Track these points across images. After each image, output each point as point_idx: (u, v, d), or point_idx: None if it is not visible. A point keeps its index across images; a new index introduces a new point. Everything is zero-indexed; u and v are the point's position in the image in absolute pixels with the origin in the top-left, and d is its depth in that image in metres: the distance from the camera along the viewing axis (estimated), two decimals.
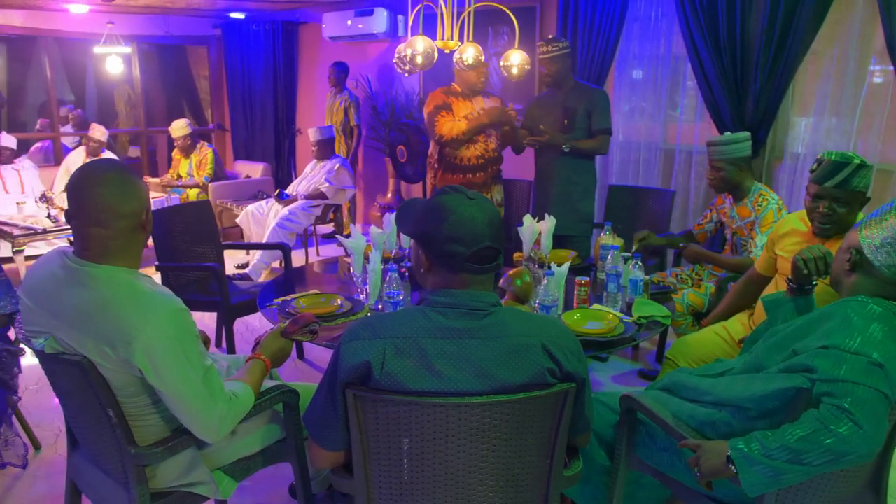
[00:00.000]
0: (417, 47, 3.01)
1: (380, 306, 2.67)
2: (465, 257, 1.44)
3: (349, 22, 6.41)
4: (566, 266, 2.61)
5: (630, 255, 2.87)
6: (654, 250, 3.69)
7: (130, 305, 1.56)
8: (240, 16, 7.34)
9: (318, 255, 6.12)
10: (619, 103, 5.05)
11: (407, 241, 3.37)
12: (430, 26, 3.90)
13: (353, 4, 6.48)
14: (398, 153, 5.63)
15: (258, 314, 3.81)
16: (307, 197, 5.65)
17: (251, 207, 5.76)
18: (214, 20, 7.68)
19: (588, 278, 2.75)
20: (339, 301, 2.68)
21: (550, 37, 3.88)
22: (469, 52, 3.17)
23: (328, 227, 6.72)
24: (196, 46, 8.41)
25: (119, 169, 1.64)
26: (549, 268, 2.59)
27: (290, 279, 3.35)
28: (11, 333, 2.72)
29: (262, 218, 5.68)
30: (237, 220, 5.83)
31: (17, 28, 6.65)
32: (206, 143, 6.64)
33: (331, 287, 3.08)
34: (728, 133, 3.23)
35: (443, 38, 3.28)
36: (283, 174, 7.44)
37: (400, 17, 6.34)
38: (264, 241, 5.42)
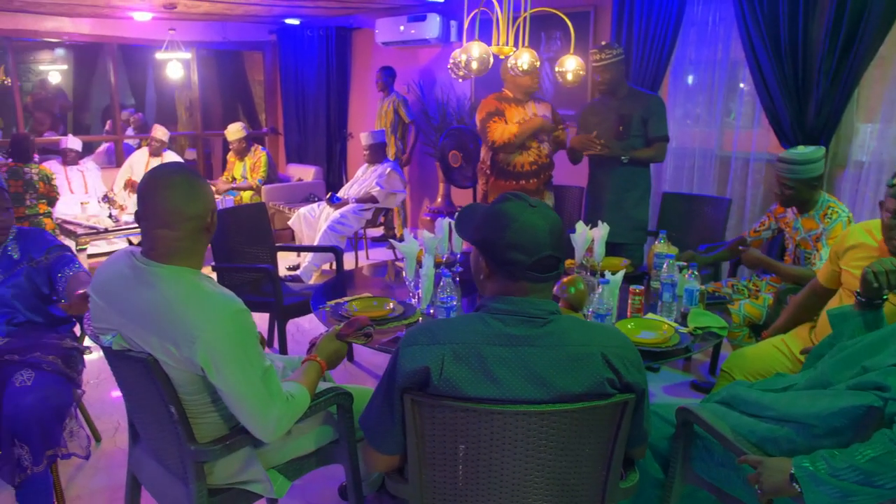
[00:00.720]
0: (473, 53, 3.01)
1: (431, 311, 2.67)
2: (527, 265, 1.43)
3: (402, 27, 6.46)
4: (620, 274, 2.58)
5: (686, 264, 2.81)
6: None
7: (194, 305, 1.60)
8: (295, 22, 7.47)
9: (367, 258, 6.17)
10: (674, 109, 4.96)
11: (459, 245, 3.37)
12: (483, 32, 3.90)
13: (407, 10, 6.53)
14: (451, 158, 5.64)
15: (309, 316, 3.86)
16: (358, 200, 5.71)
17: (303, 210, 5.85)
18: (270, 26, 7.84)
19: (642, 287, 2.71)
20: (391, 305, 2.70)
21: (604, 43, 3.83)
22: (524, 58, 3.16)
23: (378, 231, 6.77)
24: (252, 52, 8.60)
25: (186, 172, 1.69)
26: (604, 276, 2.56)
27: (342, 282, 3.38)
28: (77, 329, 2.81)
29: (313, 221, 5.76)
30: (289, 223, 5.92)
31: (85, 36, 6.89)
32: (259, 147, 6.77)
33: (380, 290, 3.10)
34: (801, 149, 3.06)
35: (497, 44, 3.28)
36: (333, 177, 7.53)
37: (452, 23, 6.36)
38: (315, 243, 5.49)
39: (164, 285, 1.63)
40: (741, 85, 4.72)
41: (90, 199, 6.00)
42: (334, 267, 5.89)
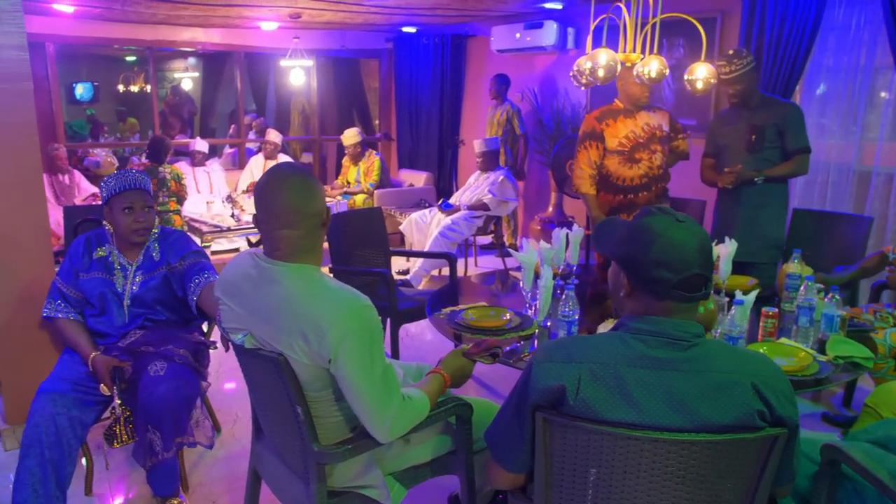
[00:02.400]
0: (600, 60, 2.93)
1: (549, 323, 2.62)
2: (673, 284, 1.35)
3: (518, 35, 6.43)
4: (753, 294, 2.42)
5: (824, 287, 2.61)
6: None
7: (322, 300, 1.62)
8: (411, 30, 7.59)
9: (476, 265, 6.17)
10: (806, 120, 4.65)
11: (575, 257, 3.29)
12: (600, 38, 3.78)
13: (523, 17, 6.49)
14: (567, 168, 5.54)
15: (419, 322, 3.88)
16: (470, 207, 5.71)
17: (415, 215, 5.91)
18: (387, 34, 8.00)
19: (776, 309, 2.54)
20: (507, 315, 2.65)
21: (731, 52, 3.59)
22: (653, 66, 3.04)
23: (487, 238, 6.75)
24: (368, 59, 8.81)
25: (300, 172, 1.72)
26: (734, 296, 2.41)
27: (455, 289, 3.38)
28: (205, 325, 2.94)
29: (424, 226, 5.81)
30: (400, 227, 6.00)
31: (216, 45, 7.28)
32: (374, 152, 6.91)
33: (487, 298, 3.07)
34: None
35: (624, 51, 3.17)
36: (444, 184, 7.59)
37: (569, 30, 6.27)
38: (426, 248, 5.54)
39: (289, 282, 1.66)
40: (883, 94, 4.36)
41: (215, 198, 6.31)
42: (443, 273, 5.99)
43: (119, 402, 2.41)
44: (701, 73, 3.20)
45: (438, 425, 1.99)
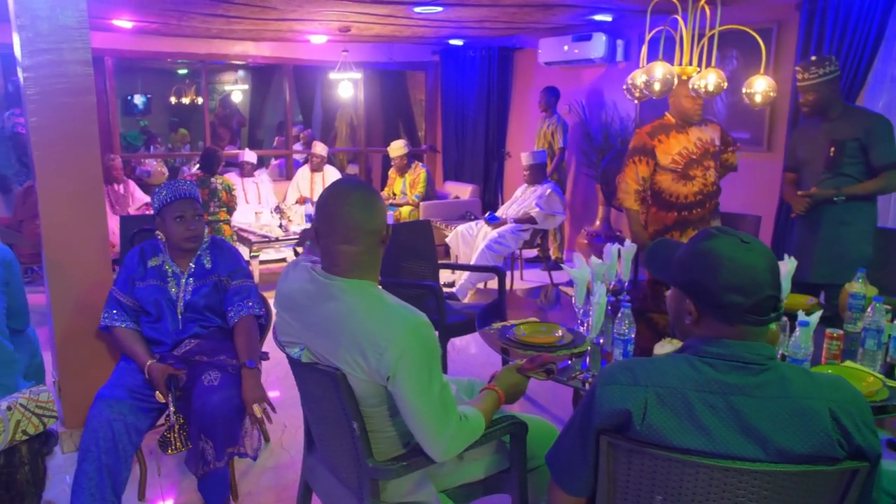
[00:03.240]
0: (656, 73, 2.88)
1: (601, 341, 2.57)
2: (745, 308, 1.30)
3: (566, 47, 6.40)
4: (817, 315, 2.34)
5: (893, 308, 2.51)
6: None
7: (381, 317, 1.62)
8: (458, 42, 7.62)
9: (521, 279, 6.13)
10: None
11: (627, 273, 3.23)
12: (655, 51, 3.73)
13: (572, 30, 6.46)
14: (616, 181, 5.46)
15: (468, 336, 3.86)
16: (517, 220, 5.69)
17: (461, 228, 5.91)
18: (434, 47, 8.05)
19: (841, 331, 2.44)
20: (560, 332, 2.62)
21: (814, 58, 3.42)
22: (710, 79, 2.98)
23: (532, 252, 6.71)
24: (414, 71, 8.88)
25: (363, 187, 1.73)
26: (798, 316, 2.33)
27: (504, 303, 3.36)
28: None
29: (470, 239, 5.81)
30: (447, 240, 6.00)
31: (266, 58, 7.42)
32: (420, 164, 6.94)
33: (533, 313, 3.05)
34: None
35: (680, 64, 3.12)
36: (490, 196, 7.58)
37: (619, 42, 6.21)
38: (472, 261, 5.53)
39: (349, 298, 1.66)
40: None
41: (263, 209, 6.41)
42: (488, 286, 5.96)
43: (173, 409, 2.44)
44: (760, 87, 3.13)
45: (492, 444, 1.96)
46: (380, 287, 1.73)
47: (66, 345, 3.01)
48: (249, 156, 6.89)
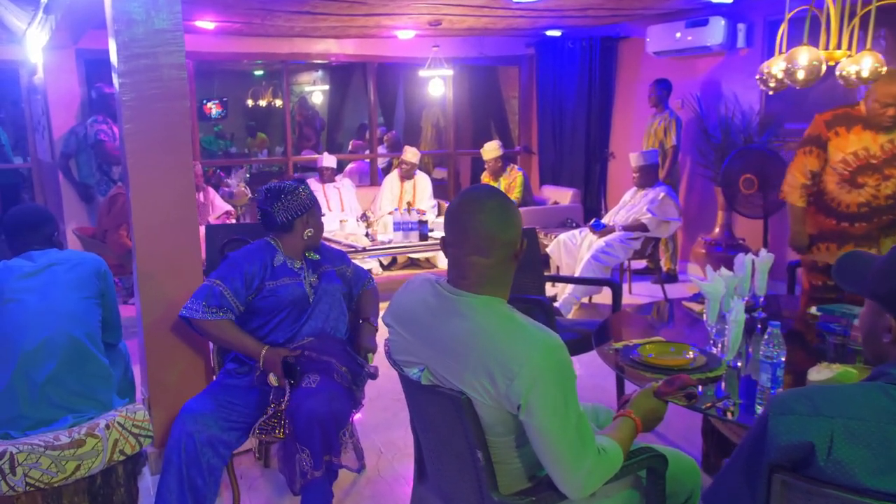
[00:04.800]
0: (800, 60, 2.76)
1: (738, 364, 2.48)
2: None
3: (678, 34, 6.26)
4: None
5: None
6: None
7: (513, 338, 1.60)
8: (556, 33, 7.57)
9: (630, 293, 6.00)
10: None
11: (763, 287, 3.11)
12: (796, 35, 3.58)
13: (685, 15, 6.31)
14: (742, 183, 5.29)
15: (573, 357, 3.79)
16: (625, 228, 5.58)
17: (563, 236, 5.85)
18: (529, 39, 8.03)
19: None
20: (691, 353, 2.54)
21: None
22: (866, 63, 2.82)
23: (640, 263, 6.57)
24: (507, 66, 8.88)
25: (498, 195, 1.73)
26: None
27: (620, 320, 3.31)
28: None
29: (574, 248, 5.73)
30: (547, 249, 5.93)
31: (349, 56, 7.59)
32: (515, 166, 6.92)
33: (642, 330, 3.00)
34: None
35: (827, 47, 2.98)
36: (592, 201, 7.48)
37: (740, 27, 6.02)
38: (576, 273, 5.47)
39: (478, 316, 1.65)
40: None
41: (348, 216, 6.53)
42: (594, 301, 5.87)
43: (288, 394, 2.55)
44: None
45: (627, 478, 1.90)
46: (508, 304, 1.71)
47: (156, 360, 3.13)
48: (328, 160, 7.01)
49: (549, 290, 5.86)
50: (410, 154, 7.05)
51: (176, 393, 3.07)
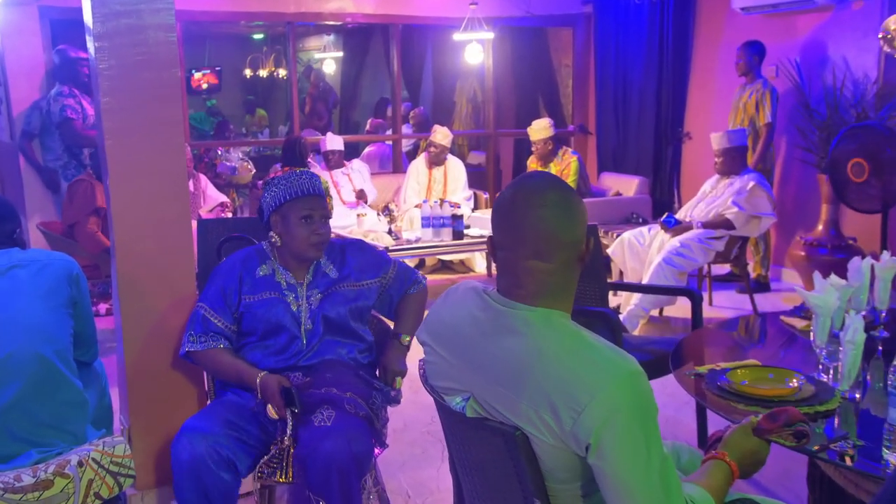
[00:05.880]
0: None
1: (856, 396, 2.42)
2: None
3: None
4: None
5: None
6: None
7: (582, 361, 1.57)
8: None
9: (710, 304, 5.94)
10: None
11: (885, 300, 3.04)
12: None
13: None
14: (850, 169, 5.19)
15: (652, 381, 3.75)
16: (705, 225, 5.53)
17: (627, 235, 5.82)
18: None
19: None
20: (795, 381, 2.48)
21: None
22: None
23: (722, 268, 6.49)
24: (558, 28, 8.84)
25: (560, 186, 1.72)
26: None
27: (701, 338, 3.28)
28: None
29: (641, 250, 5.70)
30: (608, 251, 5.91)
31: (368, 16, 7.59)
32: (569, 150, 6.92)
33: (727, 350, 2.98)
34: None
35: None
36: (662, 192, 7.45)
37: None
38: (645, 279, 5.43)
39: (537, 334, 1.63)
40: None
41: (367, 210, 6.53)
42: (665, 314, 5.82)
43: (290, 428, 2.54)
44: None
45: None
46: (571, 319, 1.70)
47: (140, 382, 3.13)
48: (333, 142, 6.99)
49: (612, 300, 5.83)
50: (441, 135, 7.06)
51: (164, 423, 3.06)
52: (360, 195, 6.79)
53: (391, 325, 3.02)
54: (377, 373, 2.88)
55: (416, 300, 2.99)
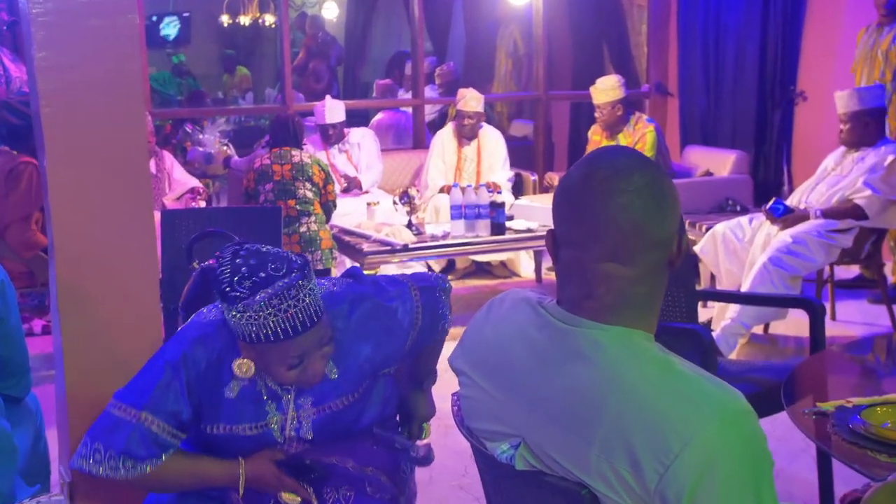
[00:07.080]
0: None
1: None
2: None
3: None
4: None
5: None
6: None
7: (671, 398, 1.55)
8: None
9: (833, 318, 5.90)
10: None
11: None
12: None
13: None
14: None
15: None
16: (826, 214, 5.50)
17: (721, 227, 5.83)
18: None
19: None
20: None
21: None
22: None
23: (851, 270, 6.43)
24: None
25: (650, 167, 1.69)
26: None
27: (822, 364, 3.28)
28: None
29: (740, 247, 5.71)
30: (696, 248, 5.90)
31: None
32: (644, 117, 6.93)
33: (858, 378, 3.06)
34: None
35: None
36: (767, 172, 7.49)
37: None
38: (744, 286, 5.42)
39: (613, 361, 1.61)
40: None
41: (380, 197, 6.54)
42: (771, 331, 5.77)
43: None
44: None
45: None
46: (657, 343, 1.68)
47: (85, 421, 3.11)
48: (334, 112, 7.03)
49: (701, 312, 5.80)
50: (472, 100, 7.07)
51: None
52: (352, 182, 6.86)
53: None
54: (397, 422, 2.77)
55: (438, 344, 2.76)
